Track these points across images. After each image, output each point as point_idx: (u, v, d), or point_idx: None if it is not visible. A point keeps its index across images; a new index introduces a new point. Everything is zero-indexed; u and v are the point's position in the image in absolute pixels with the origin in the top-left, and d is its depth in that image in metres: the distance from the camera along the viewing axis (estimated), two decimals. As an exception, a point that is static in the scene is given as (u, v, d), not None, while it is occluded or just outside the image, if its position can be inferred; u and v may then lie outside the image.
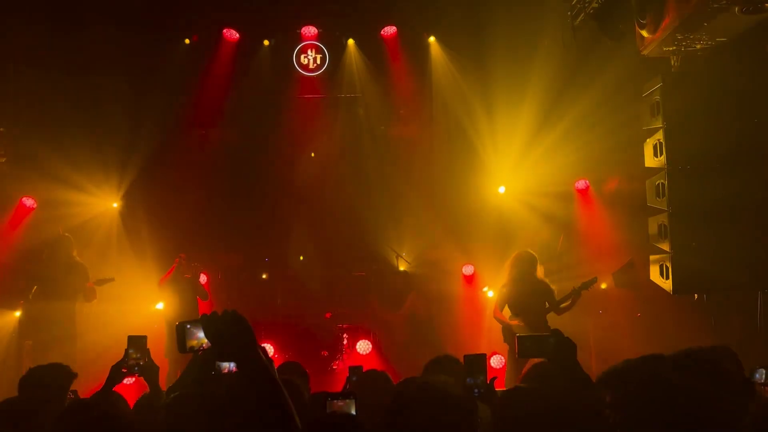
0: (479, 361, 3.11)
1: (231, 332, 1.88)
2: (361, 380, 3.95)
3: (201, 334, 2.03)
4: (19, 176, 8.46)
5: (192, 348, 2.10)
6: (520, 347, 2.87)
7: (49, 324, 7.37)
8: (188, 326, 2.09)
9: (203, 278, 9.02)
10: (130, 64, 8.94)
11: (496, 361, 8.10)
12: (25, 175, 8.52)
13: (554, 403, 2.35)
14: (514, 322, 6.86)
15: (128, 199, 9.46)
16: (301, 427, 1.82)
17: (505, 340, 7.11)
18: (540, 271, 7.14)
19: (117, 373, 3.31)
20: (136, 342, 3.28)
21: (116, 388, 3.34)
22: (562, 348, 2.78)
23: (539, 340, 2.85)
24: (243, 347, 1.86)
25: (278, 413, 1.80)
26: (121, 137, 9.09)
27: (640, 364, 2.28)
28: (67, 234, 7.80)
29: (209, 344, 1.98)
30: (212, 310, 2.04)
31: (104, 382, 3.33)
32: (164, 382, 4.58)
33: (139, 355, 3.26)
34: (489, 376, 3.15)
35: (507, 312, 7.11)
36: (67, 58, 8.56)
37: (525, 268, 7.01)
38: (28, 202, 8.66)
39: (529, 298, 6.90)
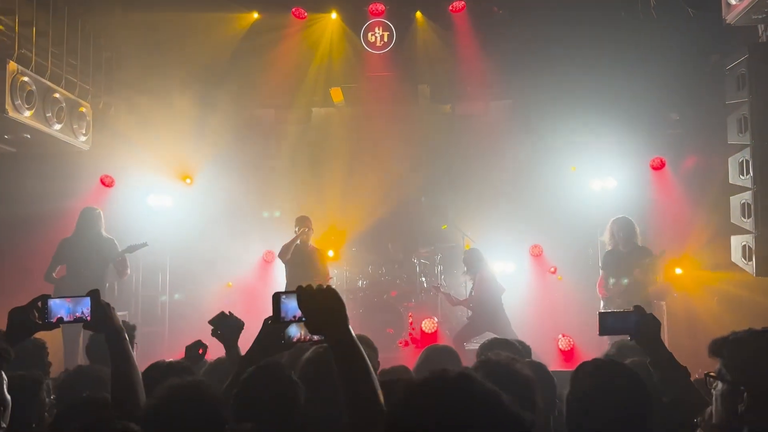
0: None
1: (325, 307, 1.89)
2: (428, 354, 3.99)
3: (295, 305, 2.02)
4: (100, 155, 8.73)
5: (284, 319, 2.12)
6: (602, 324, 2.71)
7: None
8: (284, 297, 2.11)
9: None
10: (198, 42, 9.04)
11: (564, 343, 7.94)
12: (104, 154, 8.81)
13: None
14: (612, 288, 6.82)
15: (202, 176, 9.71)
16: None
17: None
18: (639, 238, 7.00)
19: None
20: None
21: None
22: (646, 325, 2.65)
23: (621, 317, 2.71)
24: (335, 323, 1.87)
25: (367, 391, 1.80)
26: (195, 116, 9.30)
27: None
28: (94, 207, 7.45)
29: (302, 316, 1.98)
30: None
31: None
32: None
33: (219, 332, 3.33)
34: (556, 358, 3.03)
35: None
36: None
37: (623, 233, 6.89)
38: (107, 180, 8.93)
39: (626, 265, 6.78)
